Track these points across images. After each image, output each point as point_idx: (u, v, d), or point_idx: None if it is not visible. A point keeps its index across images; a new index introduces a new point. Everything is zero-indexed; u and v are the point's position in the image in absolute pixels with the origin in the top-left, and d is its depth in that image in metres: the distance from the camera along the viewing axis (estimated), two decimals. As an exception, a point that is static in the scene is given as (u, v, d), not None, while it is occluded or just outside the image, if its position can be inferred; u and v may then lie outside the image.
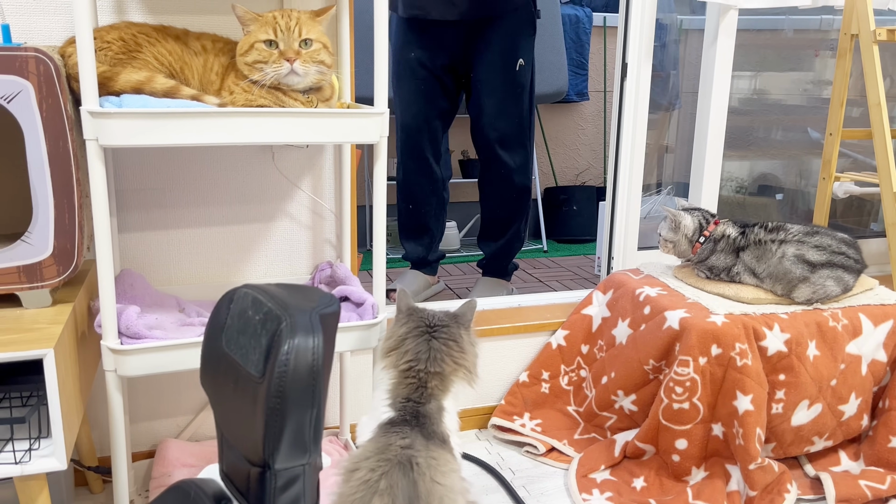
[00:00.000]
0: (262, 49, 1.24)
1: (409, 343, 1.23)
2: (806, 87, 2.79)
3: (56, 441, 1.05)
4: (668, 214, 1.78)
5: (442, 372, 1.21)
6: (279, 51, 1.24)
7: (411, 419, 1.16)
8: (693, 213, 1.78)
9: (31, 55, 1.11)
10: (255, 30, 1.25)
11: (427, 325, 1.25)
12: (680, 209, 1.80)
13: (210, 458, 1.57)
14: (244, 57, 1.25)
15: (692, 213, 1.78)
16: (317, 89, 1.32)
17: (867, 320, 1.66)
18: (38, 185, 1.15)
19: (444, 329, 1.25)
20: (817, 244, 1.67)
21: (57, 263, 1.19)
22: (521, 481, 1.67)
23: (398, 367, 1.22)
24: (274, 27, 1.24)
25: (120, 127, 1.13)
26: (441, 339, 1.24)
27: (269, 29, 1.24)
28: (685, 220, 1.76)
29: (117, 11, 1.44)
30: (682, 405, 1.58)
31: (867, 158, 2.72)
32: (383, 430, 1.14)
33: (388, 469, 1.06)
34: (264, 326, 0.87)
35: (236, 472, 0.92)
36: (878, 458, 1.67)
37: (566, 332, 1.92)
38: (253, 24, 1.26)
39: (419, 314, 1.28)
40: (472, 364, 1.27)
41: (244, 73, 1.26)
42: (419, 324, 1.26)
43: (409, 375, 1.21)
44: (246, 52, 1.25)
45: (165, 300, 1.49)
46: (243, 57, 1.25)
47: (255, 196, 1.63)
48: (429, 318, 1.27)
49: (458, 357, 1.23)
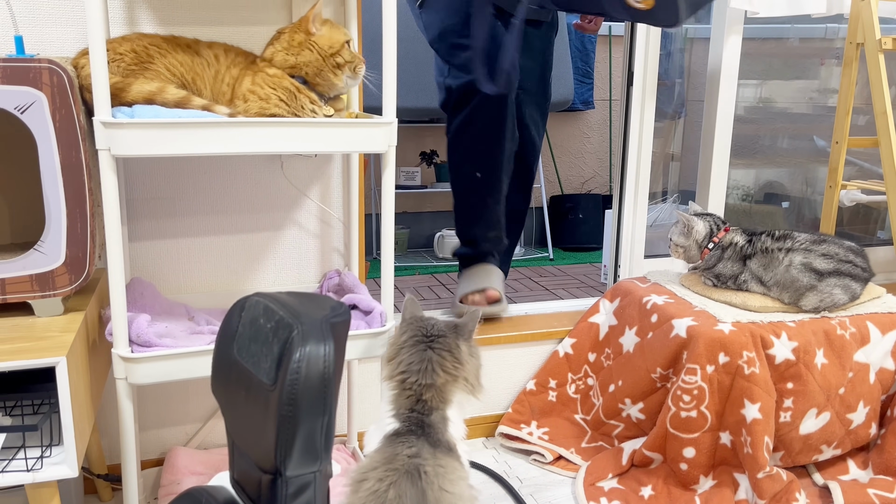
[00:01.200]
0: (350, 51, 1.29)
1: (405, 353, 1.22)
2: (812, 95, 2.80)
3: (67, 449, 1.06)
4: (680, 219, 1.79)
5: (434, 383, 1.19)
6: (357, 54, 1.31)
7: (416, 429, 1.15)
8: (705, 218, 1.79)
9: (44, 66, 1.12)
10: (334, 30, 1.30)
11: (424, 336, 1.23)
12: (692, 214, 1.81)
13: (219, 466, 1.57)
14: (335, 57, 1.28)
15: (704, 219, 1.78)
16: (336, 99, 1.36)
17: (875, 328, 1.66)
18: (51, 194, 1.17)
19: (440, 339, 1.23)
20: (824, 252, 1.67)
21: (69, 272, 1.20)
22: (529, 490, 1.66)
23: (393, 377, 1.21)
24: (347, 32, 1.31)
25: (132, 137, 1.14)
26: (436, 349, 1.22)
27: (346, 33, 1.30)
28: (697, 224, 1.77)
29: (129, 23, 1.46)
30: (689, 413, 1.58)
31: (874, 167, 2.72)
32: (389, 441, 1.14)
33: (397, 479, 1.06)
34: (276, 334, 0.88)
35: (247, 480, 0.93)
36: (887, 466, 1.66)
37: (573, 340, 1.92)
38: (324, 25, 1.30)
39: (419, 324, 1.26)
40: (473, 375, 1.24)
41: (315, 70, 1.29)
42: (416, 333, 1.24)
43: (405, 387, 1.20)
44: (338, 51, 1.29)
45: (175, 308, 1.50)
46: (334, 57, 1.28)
47: (264, 205, 1.64)
48: (427, 327, 1.25)
49: (453, 368, 1.21)
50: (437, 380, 1.19)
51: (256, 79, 1.29)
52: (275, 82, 1.28)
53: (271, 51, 1.32)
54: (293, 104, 1.29)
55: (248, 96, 1.28)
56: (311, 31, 1.30)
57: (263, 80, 1.28)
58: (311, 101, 1.30)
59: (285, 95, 1.28)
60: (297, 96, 1.29)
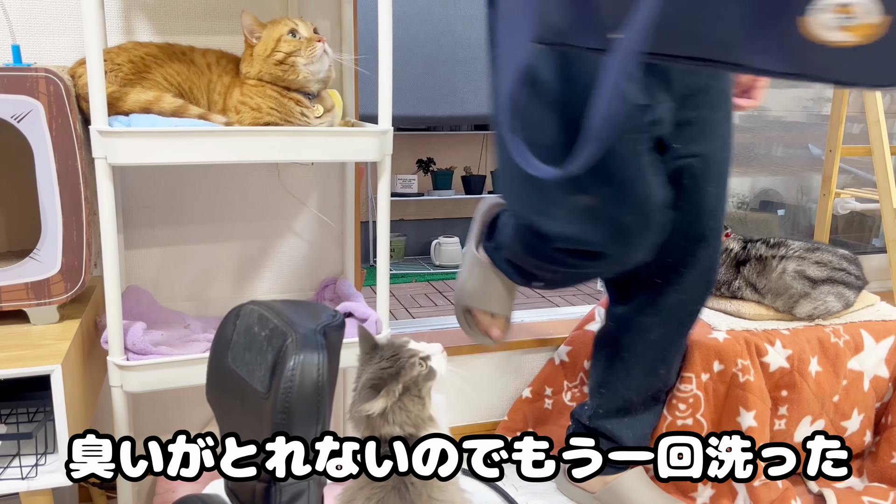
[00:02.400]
0: (290, 39, 1.25)
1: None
2: (806, 104, 2.81)
3: (62, 457, 1.06)
4: None
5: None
6: (306, 38, 1.26)
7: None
8: None
9: (41, 76, 1.13)
10: (272, 30, 1.28)
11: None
12: None
13: (213, 475, 1.57)
14: (273, 56, 1.25)
15: None
16: (320, 97, 1.34)
17: (869, 336, 1.67)
18: (47, 202, 1.17)
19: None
20: (818, 260, 1.68)
21: (65, 280, 1.20)
22: (525, 497, 1.67)
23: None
24: (289, 22, 1.27)
25: (129, 146, 1.15)
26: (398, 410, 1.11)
27: (287, 23, 1.27)
28: None
29: (126, 32, 1.47)
30: (685, 421, 1.59)
31: (868, 174, 2.74)
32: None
33: (384, 495, 1.06)
34: (270, 343, 0.88)
35: (242, 487, 0.93)
36: (882, 474, 1.67)
37: (569, 347, 1.92)
38: (264, 29, 1.29)
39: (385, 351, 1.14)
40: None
41: (274, 75, 1.26)
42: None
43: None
44: (273, 49, 1.25)
45: (171, 316, 1.51)
46: (271, 56, 1.25)
47: (260, 213, 1.65)
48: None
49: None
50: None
51: (244, 90, 1.30)
52: (259, 91, 1.29)
53: (244, 65, 1.33)
54: (283, 109, 1.29)
55: (240, 108, 1.28)
56: (252, 44, 1.29)
57: (250, 91, 1.29)
58: (297, 103, 1.29)
59: (273, 102, 1.28)
60: (282, 101, 1.29)
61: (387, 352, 1.11)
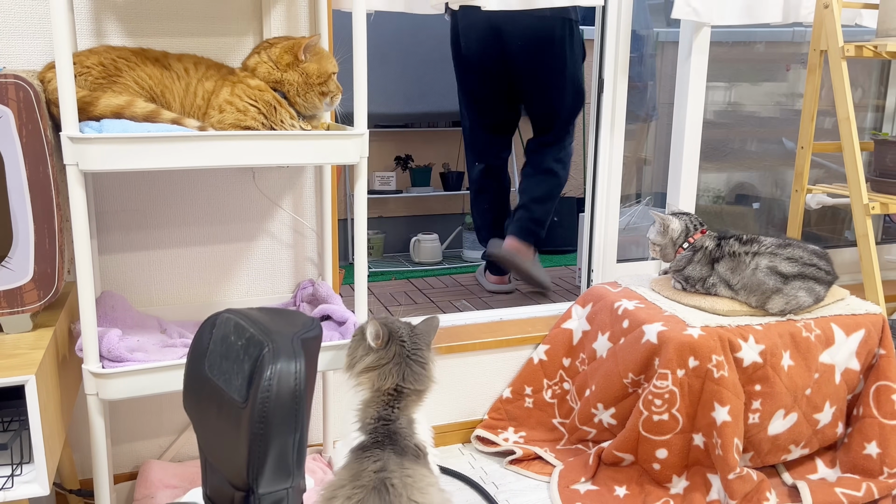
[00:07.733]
0: (335, 82, 1.36)
1: (392, 366, 1.22)
2: (779, 99, 2.85)
3: (38, 467, 1.05)
4: (656, 217, 1.82)
5: (414, 390, 1.22)
6: (337, 85, 1.37)
7: (383, 439, 1.15)
8: (681, 217, 1.81)
9: (10, 82, 1.11)
10: (326, 63, 1.35)
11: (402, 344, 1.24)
12: (670, 213, 1.83)
13: (193, 479, 1.56)
14: (323, 86, 1.34)
15: (680, 217, 1.81)
16: (313, 117, 1.39)
17: (839, 330, 1.70)
18: (19, 210, 1.16)
19: (418, 353, 1.25)
20: (789, 256, 1.70)
21: (37, 288, 1.19)
22: (505, 495, 1.68)
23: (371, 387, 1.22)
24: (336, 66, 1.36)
25: (100, 152, 1.14)
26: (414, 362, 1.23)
27: (335, 66, 1.36)
28: (673, 223, 1.79)
29: (96, 35, 1.45)
30: (661, 416, 1.61)
31: (840, 168, 2.78)
32: (356, 456, 1.14)
33: (364, 496, 1.06)
34: (247, 352, 0.88)
35: (220, 496, 0.93)
36: (854, 465, 1.70)
37: (547, 346, 1.94)
38: (315, 56, 1.34)
39: (395, 331, 1.26)
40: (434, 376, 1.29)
41: (311, 99, 1.34)
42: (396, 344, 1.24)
43: (388, 393, 1.21)
44: (325, 81, 1.34)
45: (147, 321, 1.49)
46: (322, 86, 1.34)
47: (236, 215, 1.64)
48: (404, 337, 1.25)
49: (427, 380, 1.25)
50: (418, 386, 1.22)
51: (236, 90, 1.28)
52: (256, 95, 1.28)
53: (256, 60, 1.32)
54: (272, 118, 1.29)
55: (225, 107, 1.27)
56: (300, 59, 1.32)
57: (244, 92, 1.28)
58: (290, 117, 1.31)
59: (265, 109, 1.28)
60: (277, 110, 1.29)
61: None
